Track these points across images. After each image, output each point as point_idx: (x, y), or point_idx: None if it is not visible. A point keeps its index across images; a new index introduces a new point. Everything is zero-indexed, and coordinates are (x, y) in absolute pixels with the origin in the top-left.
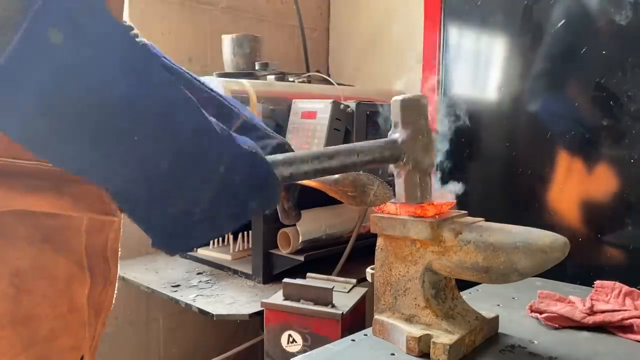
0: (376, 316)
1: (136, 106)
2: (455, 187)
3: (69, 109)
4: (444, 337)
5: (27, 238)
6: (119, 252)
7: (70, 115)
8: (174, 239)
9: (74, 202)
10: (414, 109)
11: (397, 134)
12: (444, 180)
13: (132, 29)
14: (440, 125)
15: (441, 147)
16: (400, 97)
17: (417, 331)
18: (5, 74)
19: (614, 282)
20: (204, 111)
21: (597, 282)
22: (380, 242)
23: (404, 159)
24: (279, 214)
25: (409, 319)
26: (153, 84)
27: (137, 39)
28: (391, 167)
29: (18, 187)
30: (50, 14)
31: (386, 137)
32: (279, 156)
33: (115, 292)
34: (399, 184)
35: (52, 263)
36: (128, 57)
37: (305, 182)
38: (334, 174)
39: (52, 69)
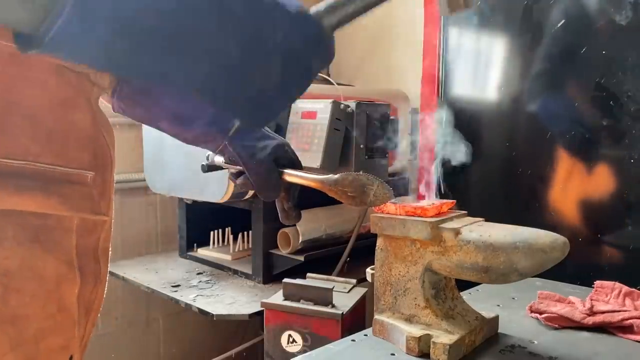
0: (376, 316)
1: (195, 2)
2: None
3: (142, 23)
4: (444, 337)
5: (16, 238)
6: (109, 252)
7: (144, 29)
8: (256, 113)
9: (62, 201)
10: None
11: None
12: (444, 181)
13: None
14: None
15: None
16: None
17: (417, 331)
18: (77, 8)
19: (614, 282)
20: None
21: (597, 283)
22: (380, 242)
23: None
24: (279, 214)
25: (409, 319)
26: None
27: None
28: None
29: (6, 187)
30: None
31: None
32: (321, 6)
33: (117, 292)
34: None
35: (41, 263)
36: None
37: (305, 183)
38: (376, 7)
39: None
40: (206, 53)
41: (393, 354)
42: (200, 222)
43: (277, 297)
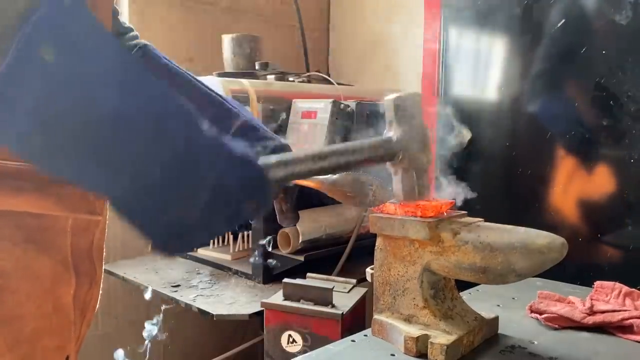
0: (375, 316)
1: (128, 119)
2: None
3: (62, 123)
4: (441, 337)
5: (12, 238)
6: (104, 252)
7: (64, 129)
8: (171, 242)
9: (57, 202)
10: (408, 106)
11: (391, 132)
12: (444, 180)
13: (132, 30)
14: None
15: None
16: (393, 95)
17: (415, 331)
18: (0, 92)
19: (614, 282)
20: (197, 118)
21: (597, 283)
22: (379, 242)
23: (400, 158)
24: (277, 216)
25: (408, 319)
26: (145, 95)
27: (135, 41)
28: (388, 165)
29: (3, 188)
30: (42, 32)
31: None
32: (273, 157)
33: (117, 292)
34: (396, 182)
35: (37, 263)
36: (120, 71)
37: (304, 182)
38: (329, 174)
39: (44, 86)
40: (129, 169)
41: (393, 355)
42: None
43: (277, 297)
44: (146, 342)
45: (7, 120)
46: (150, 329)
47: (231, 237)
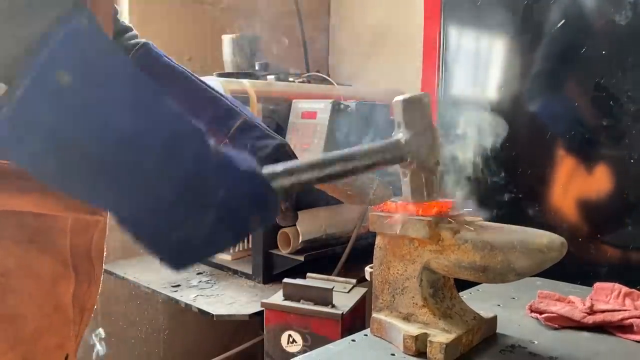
0: (374, 315)
1: (142, 141)
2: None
3: (76, 146)
4: (440, 336)
5: (13, 238)
6: (104, 253)
7: (77, 152)
8: (179, 258)
9: (58, 202)
10: (416, 108)
11: (400, 134)
12: (445, 181)
13: (131, 29)
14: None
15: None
16: (402, 97)
17: (414, 330)
18: (16, 116)
19: (613, 283)
20: (205, 136)
21: (597, 284)
22: (378, 240)
23: (409, 159)
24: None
25: (407, 318)
26: (159, 117)
27: (135, 40)
28: (397, 167)
29: (5, 188)
30: (59, 56)
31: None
32: (279, 167)
33: (117, 292)
34: (405, 183)
35: (38, 263)
36: (136, 93)
37: None
38: (337, 180)
39: (59, 111)
40: (138, 190)
41: (393, 354)
42: None
43: (277, 297)
44: None
45: (23, 143)
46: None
47: None
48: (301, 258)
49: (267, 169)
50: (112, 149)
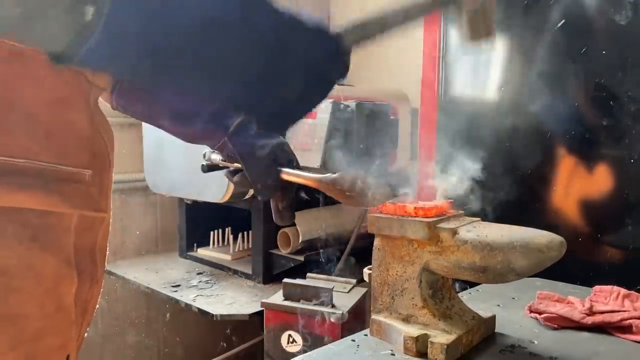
0: (373, 316)
1: (222, 20)
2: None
3: (169, 44)
4: (441, 336)
5: (16, 236)
6: (107, 252)
7: (171, 49)
8: (278, 122)
9: (63, 199)
10: None
11: None
12: (444, 180)
13: None
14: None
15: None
16: None
17: (414, 331)
18: (108, 29)
19: (612, 286)
20: (272, 1)
21: (596, 287)
22: (377, 241)
23: None
24: (273, 215)
25: (407, 319)
26: None
27: None
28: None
29: (7, 185)
30: None
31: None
32: (345, 25)
33: (117, 292)
34: (461, 26)
35: (40, 262)
36: None
37: (303, 181)
38: (396, 28)
39: (147, 14)
40: (230, 69)
41: (393, 354)
42: (200, 222)
43: (277, 297)
44: None
45: (120, 56)
46: None
47: (231, 237)
48: (301, 258)
49: (335, 28)
50: (198, 31)
